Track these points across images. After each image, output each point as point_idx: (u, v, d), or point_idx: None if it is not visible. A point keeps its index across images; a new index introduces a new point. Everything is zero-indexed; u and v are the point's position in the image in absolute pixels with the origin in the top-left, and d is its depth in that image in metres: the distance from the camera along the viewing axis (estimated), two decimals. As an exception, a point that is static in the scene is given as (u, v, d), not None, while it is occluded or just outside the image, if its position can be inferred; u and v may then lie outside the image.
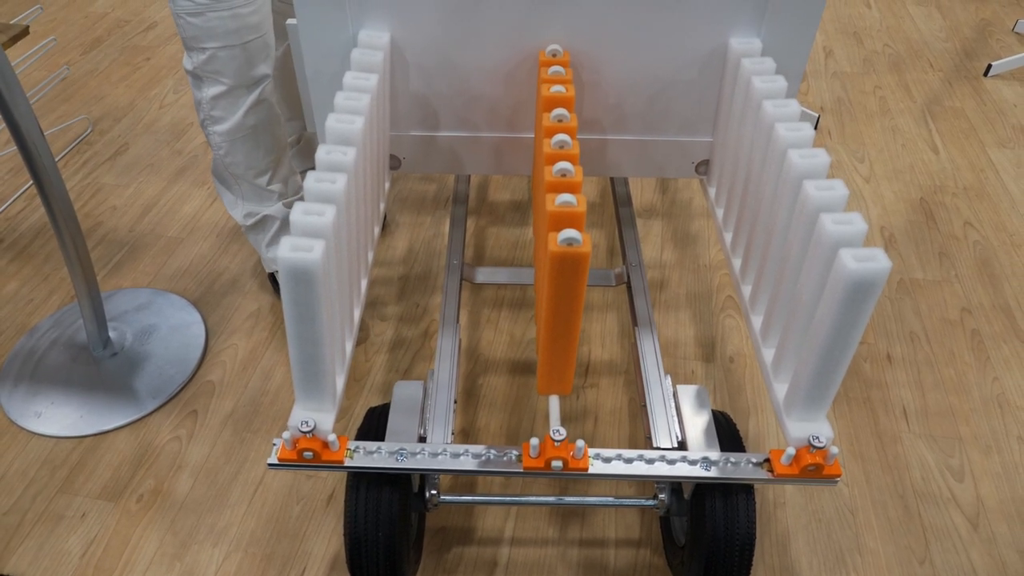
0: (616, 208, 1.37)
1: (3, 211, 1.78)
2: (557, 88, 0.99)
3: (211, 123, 1.31)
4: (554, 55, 1.08)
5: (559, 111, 0.95)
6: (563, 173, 0.86)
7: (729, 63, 1.10)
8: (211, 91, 1.28)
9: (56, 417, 1.34)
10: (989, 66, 2.31)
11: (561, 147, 0.90)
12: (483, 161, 1.25)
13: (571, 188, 0.84)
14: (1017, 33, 2.55)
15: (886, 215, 1.79)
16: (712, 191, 1.22)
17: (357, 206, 0.95)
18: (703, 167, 1.24)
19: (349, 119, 0.91)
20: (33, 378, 1.40)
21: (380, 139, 1.11)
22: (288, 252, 0.73)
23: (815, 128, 2.06)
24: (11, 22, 1.45)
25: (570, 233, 0.76)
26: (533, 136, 1.19)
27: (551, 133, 0.92)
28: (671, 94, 1.16)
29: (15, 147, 1.89)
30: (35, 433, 1.32)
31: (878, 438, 1.32)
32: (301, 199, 1.45)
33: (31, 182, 1.84)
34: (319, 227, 0.76)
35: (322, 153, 0.87)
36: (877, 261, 0.73)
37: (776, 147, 0.91)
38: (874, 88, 2.25)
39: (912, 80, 2.29)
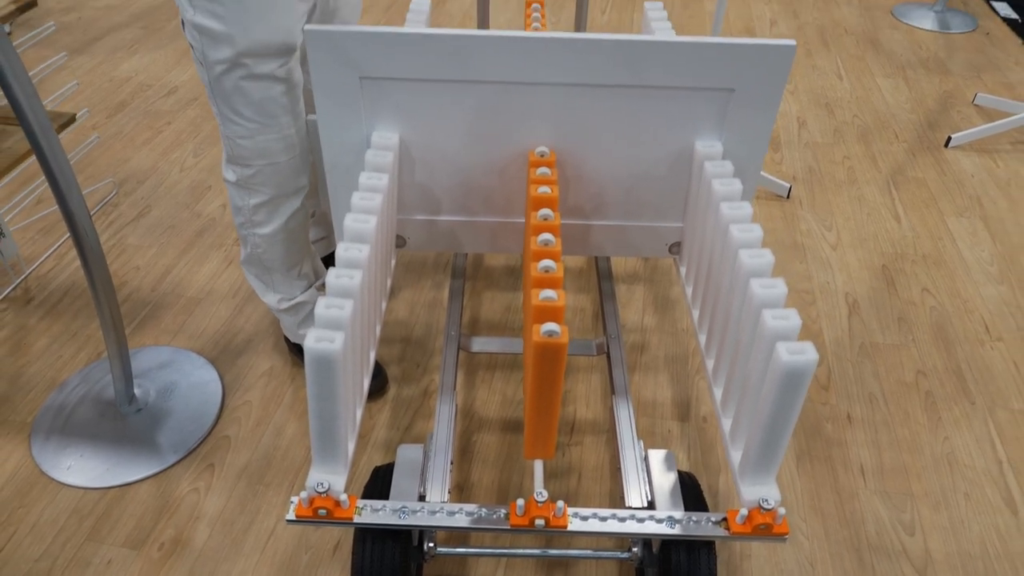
0: (599, 282, 1.51)
1: (35, 270, 1.92)
2: (543, 189, 1.14)
3: (251, 227, 1.42)
4: (542, 156, 1.24)
5: (544, 211, 1.10)
6: (546, 270, 1.00)
7: (695, 162, 1.25)
8: (253, 200, 1.39)
9: (84, 469, 1.46)
10: (949, 138, 2.48)
11: (546, 245, 1.05)
12: (480, 241, 1.39)
13: (553, 284, 0.99)
14: (977, 105, 2.73)
15: (851, 282, 1.94)
16: (683, 270, 1.37)
17: (370, 290, 1.09)
18: (675, 248, 1.39)
19: (364, 219, 1.06)
20: (63, 432, 1.53)
21: (389, 226, 1.25)
22: (313, 343, 0.87)
23: (787, 197, 2.22)
24: (57, 108, 1.60)
25: (551, 326, 0.90)
26: (524, 220, 1.34)
27: (537, 231, 1.07)
28: (646, 186, 1.31)
29: (47, 210, 2.03)
30: (65, 484, 1.44)
31: (837, 494, 1.45)
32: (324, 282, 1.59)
33: (61, 241, 1.98)
34: (340, 320, 0.90)
35: (341, 250, 1.01)
36: (806, 354, 0.87)
37: (730, 246, 1.05)
38: (843, 158, 2.42)
39: (878, 151, 2.46)
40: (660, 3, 1.67)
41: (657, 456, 1.15)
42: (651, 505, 1.10)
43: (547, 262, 1.01)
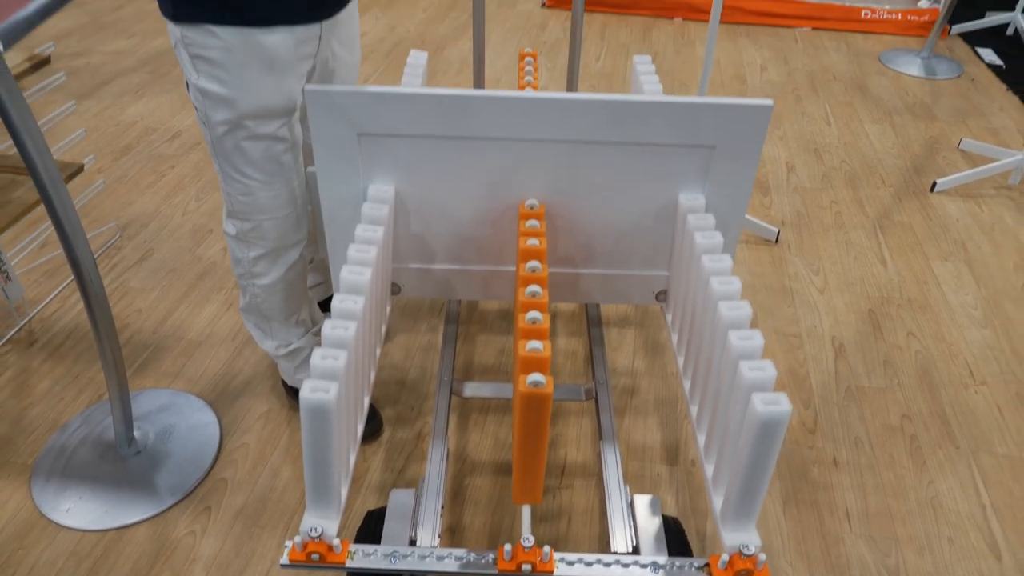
0: (588, 328, 1.56)
1: (39, 312, 1.96)
2: (532, 241, 1.19)
3: (251, 277, 1.46)
4: (531, 208, 1.29)
5: (533, 263, 1.15)
6: (533, 321, 1.04)
7: (679, 214, 1.30)
8: (253, 253, 1.43)
9: (83, 511, 1.49)
10: (934, 183, 2.55)
11: (533, 296, 1.09)
12: (473, 289, 1.44)
13: (539, 335, 1.03)
14: (962, 151, 2.80)
15: (838, 325, 1.98)
16: (669, 317, 1.41)
17: (364, 339, 1.13)
18: (662, 295, 1.44)
19: (359, 271, 1.10)
20: (64, 474, 1.55)
21: (384, 275, 1.30)
22: (308, 393, 0.91)
23: (776, 241, 2.27)
24: (64, 156, 1.66)
25: (536, 377, 0.94)
26: (515, 269, 1.39)
27: (525, 283, 1.11)
28: (633, 236, 1.36)
29: (53, 253, 2.08)
30: (63, 526, 1.46)
31: (823, 538, 1.47)
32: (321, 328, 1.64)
33: (65, 283, 2.03)
34: (334, 371, 0.94)
35: (336, 302, 1.05)
36: (781, 405, 0.90)
37: (710, 298, 1.10)
38: (831, 203, 2.48)
39: (865, 195, 2.52)
40: (648, 57, 1.74)
41: (643, 501, 1.18)
42: (636, 550, 1.12)
43: (534, 314, 1.05)
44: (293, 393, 1.69)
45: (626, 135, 1.22)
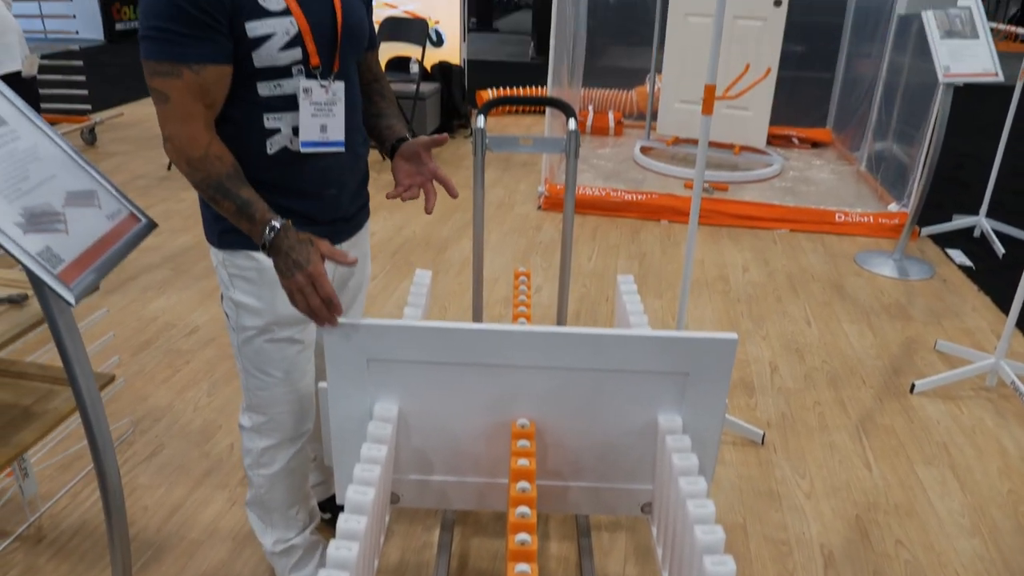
0: (578, 538, 1.61)
1: (49, 508, 2.02)
2: (522, 461, 1.29)
3: (258, 467, 1.60)
4: (523, 427, 1.40)
5: (523, 483, 1.24)
6: (523, 543, 1.12)
7: (659, 434, 1.41)
8: (263, 443, 1.58)
9: None
10: (913, 384, 2.67)
11: (523, 518, 1.18)
12: (468, 499, 1.52)
13: (528, 557, 1.10)
14: (939, 352, 2.95)
15: (825, 532, 2.02)
16: (655, 530, 1.48)
17: (365, 555, 1.20)
18: (648, 507, 1.51)
19: (363, 491, 1.20)
20: None
21: (385, 488, 1.39)
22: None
23: (762, 443, 2.36)
24: (93, 359, 1.79)
25: (523, 602, 1.01)
26: (508, 481, 1.47)
27: (516, 503, 1.20)
28: (617, 452, 1.46)
29: (70, 449, 2.16)
30: None
31: None
32: (318, 526, 1.72)
33: (77, 479, 2.10)
34: (334, 595, 1.01)
35: (341, 521, 1.14)
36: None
37: (687, 520, 1.18)
38: (814, 404, 2.59)
39: (847, 396, 2.64)
40: (631, 276, 1.93)
41: None
42: None
43: (523, 536, 1.13)
44: (292, 599, 1.72)
45: (607, 363, 1.36)
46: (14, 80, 2.99)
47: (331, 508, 1.97)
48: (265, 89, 1.32)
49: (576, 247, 3.85)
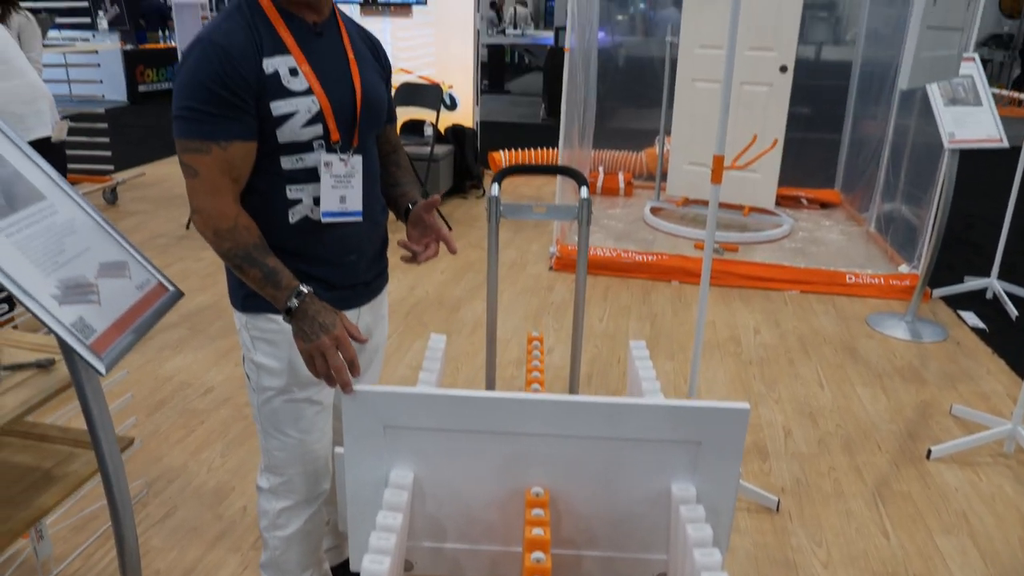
0: (592, 608, 1.60)
1: (62, 569, 2.02)
2: (537, 531, 1.30)
3: (274, 529, 1.61)
4: (537, 496, 1.41)
5: (537, 554, 1.25)
6: (537, 617, 1.12)
7: (672, 504, 1.41)
8: (280, 505, 1.59)
9: None
10: (930, 450, 2.65)
11: (537, 591, 1.18)
12: (481, 568, 1.52)
13: (542, 632, 1.10)
14: (955, 416, 2.93)
15: (843, 602, 1.99)
16: (670, 601, 1.46)
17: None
18: (663, 578, 1.50)
19: (379, 559, 1.20)
20: None
21: (400, 556, 1.39)
22: None
23: (776, 510, 2.34)
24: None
25: None
26: (521, 551, 1.47)
27: (531, 574, 1.21)
28: (631, 521, 1.46)
29: (85, 511, 2.17)
30: None
31: None
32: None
33: (89, 541, 2.10)
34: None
35: (356, 593, 1.14)
36: None
37: (702, 594, 1.18)
38: (829, 469, 2.57)
39: (862, 462, 2.61)
40: (643, 342, 1.95)
41: None
42: None
43: (537, 609, 1.13)
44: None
45: (620, 432, 1.38)
46: (44, 145, 3.09)
47: (343, 574, 1.96)
48: (288, 162, 1.38)
49: (587, 308, 3.88)
